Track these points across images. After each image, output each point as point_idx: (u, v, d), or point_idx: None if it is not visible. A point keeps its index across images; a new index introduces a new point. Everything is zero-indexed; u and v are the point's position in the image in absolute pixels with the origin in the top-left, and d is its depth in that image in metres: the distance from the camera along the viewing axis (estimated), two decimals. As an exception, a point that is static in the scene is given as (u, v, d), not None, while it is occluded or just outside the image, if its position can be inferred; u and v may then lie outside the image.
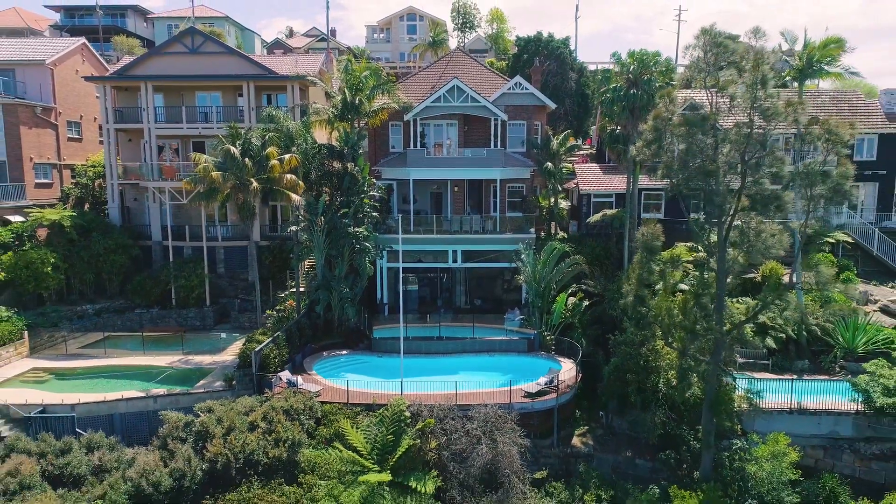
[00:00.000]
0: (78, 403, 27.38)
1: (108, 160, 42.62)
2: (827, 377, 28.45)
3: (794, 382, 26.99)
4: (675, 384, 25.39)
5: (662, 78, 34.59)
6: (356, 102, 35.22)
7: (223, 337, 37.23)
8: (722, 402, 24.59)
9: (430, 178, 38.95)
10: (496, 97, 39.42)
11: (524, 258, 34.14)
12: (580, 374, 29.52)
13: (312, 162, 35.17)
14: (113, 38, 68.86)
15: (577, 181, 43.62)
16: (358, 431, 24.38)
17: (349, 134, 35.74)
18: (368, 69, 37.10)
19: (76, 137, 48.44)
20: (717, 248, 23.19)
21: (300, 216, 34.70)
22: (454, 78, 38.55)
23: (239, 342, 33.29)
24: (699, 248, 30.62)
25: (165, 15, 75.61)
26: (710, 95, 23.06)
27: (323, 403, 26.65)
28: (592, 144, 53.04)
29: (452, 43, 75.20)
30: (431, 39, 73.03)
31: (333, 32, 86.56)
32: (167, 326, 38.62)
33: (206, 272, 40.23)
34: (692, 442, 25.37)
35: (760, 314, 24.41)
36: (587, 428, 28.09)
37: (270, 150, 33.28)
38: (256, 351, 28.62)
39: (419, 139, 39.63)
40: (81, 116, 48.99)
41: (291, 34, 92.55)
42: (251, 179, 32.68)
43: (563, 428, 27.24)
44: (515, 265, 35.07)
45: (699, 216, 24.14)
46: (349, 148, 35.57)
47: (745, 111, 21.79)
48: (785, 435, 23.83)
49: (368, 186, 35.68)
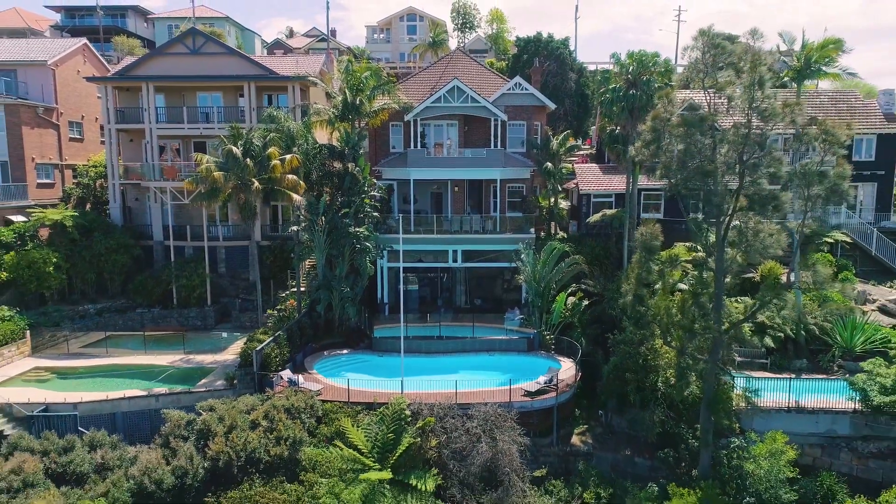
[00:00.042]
0: (80, 402, 27.51)
1: (109, 160, 42.78)
2: (825, 376, 28.61)
3: (792, 381, 27.12)
4: (673, 383, 25.50)
5: (661, 78, 34.68)
6: (357, 103, 35.36)
7: (224, 336, 37.32)
8: (720, 400, 24.71)
9: (430, 178, 39.07)
10: (496, 97, 39.52)
11: (524, 258, 34.28)
12: (579, 373, 29.67)
13: (313, 162, 35.34)
14: (113, 38, 68.84)
15: (576, 181, 43.75)
16: (359, 430, 24.52)
17: (350, 134, 35.89)
18: (369, 70, 37.28)
19: (78, 138, 48.60)
20: (715, 247, 23.32)
21: (301, 216, 34.87)
22: (454, 78, 38.65)
23: (240, 341, 33.43)
24: (698, 247, 30.73)
25: (166, 15, 75.63)
26: (708, 96, 23.10)
27: (324, 402, 26.79)
28: (592, 145, 53.13)
29: (452, 43, 75.31)
30: (431, 40, 73.12)
31: (333, 33, 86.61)
32: (168, 326, 38.74)
33: (207, 272, 40.37)
34: (691, 440, 25.51)
35: (759, 313, 24.57)
36: (586, 426, 28.22)
37: (272, 150, 33.39)
38: (258, 350, 28.76)
39: (419, 139, 39.75)
40: (83, 117, 49.16)
41: (291, 34, 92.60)
42: (253, 179, 32.81)
43: (562, 426, 27.37)
44: (515, 265, 35.22)
45: (698, 216, 24.29)
46: (350, 148, 35.73)
47: (743, 112, 21.91)
48: (783, 433, 23.89)
49: (369, 186, 35.82)
